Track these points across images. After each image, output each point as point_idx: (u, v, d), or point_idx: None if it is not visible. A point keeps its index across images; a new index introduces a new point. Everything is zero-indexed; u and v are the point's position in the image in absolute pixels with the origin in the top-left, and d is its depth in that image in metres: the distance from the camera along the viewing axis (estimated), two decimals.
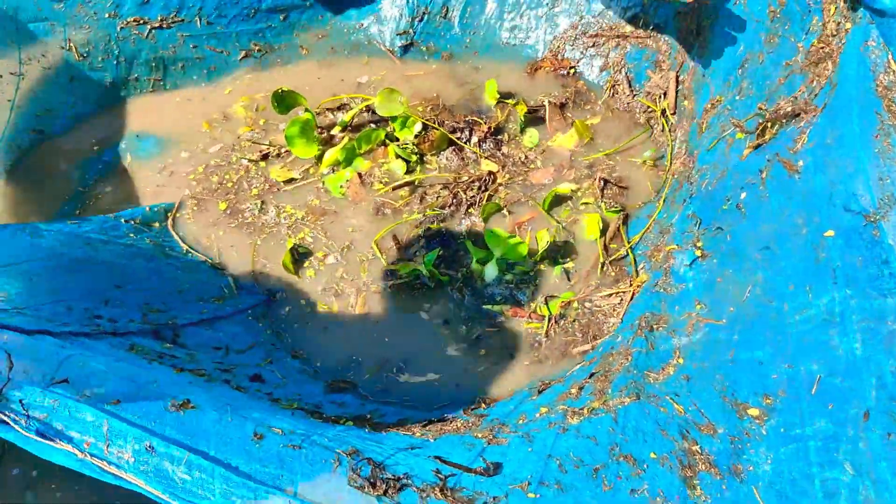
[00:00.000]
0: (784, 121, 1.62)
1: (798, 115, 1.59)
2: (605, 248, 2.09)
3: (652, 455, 1.34)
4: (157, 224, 2.20)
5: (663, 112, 2.31)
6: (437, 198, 2.22)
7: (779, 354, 1.39)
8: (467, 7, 2.53)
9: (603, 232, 2.11)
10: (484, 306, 2.02)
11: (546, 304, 1.99)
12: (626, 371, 1.59)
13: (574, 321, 1.97)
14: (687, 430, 1.39)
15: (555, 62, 2.48)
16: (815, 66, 1.60)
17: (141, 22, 2.36)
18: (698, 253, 1.72)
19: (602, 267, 2.05)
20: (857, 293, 1.30)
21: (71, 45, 2.32)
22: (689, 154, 2.08)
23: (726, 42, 1.99)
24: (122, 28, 2.35)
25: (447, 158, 2.32)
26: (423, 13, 2.50)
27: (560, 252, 2.11)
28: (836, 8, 1.54)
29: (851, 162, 1.38)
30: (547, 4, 2.50)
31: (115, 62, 2.40)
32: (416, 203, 2.22)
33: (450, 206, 2.20)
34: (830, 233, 1.38)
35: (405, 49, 2.54)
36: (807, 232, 1.44)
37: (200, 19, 2.42)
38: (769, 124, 1.66)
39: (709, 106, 1.98)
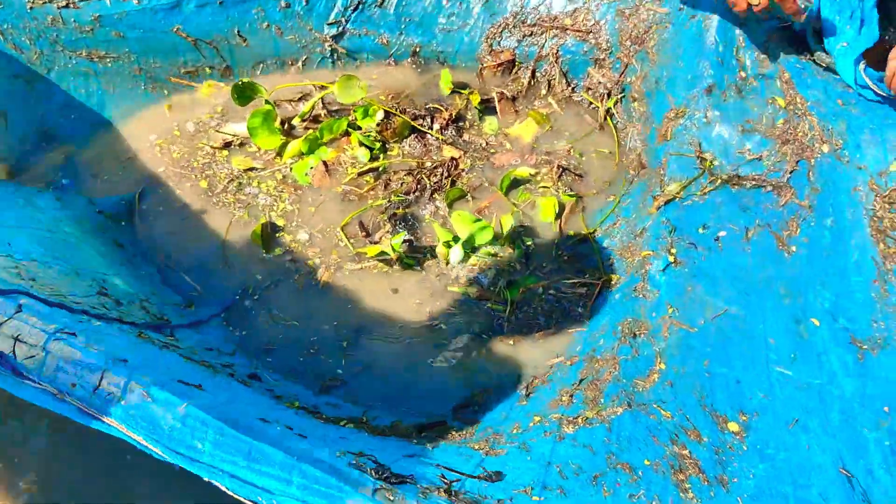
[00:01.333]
0: (743, 183, 1.76)
1: (763, 186, 1.72)
2: (561, 231, 2.15)
3: (646, 462, 1.41)
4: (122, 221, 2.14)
5: (608, 111, 2.37)
6: (402, 184, 2.22)
7: (756, 384, 1.50)
8: None
9: (558, 215, 2.17)
10: (449, 288, 2.05)
11: (507, 288, 2.03)
12: (615, 380, 1.65)
13: (536, 307, 2.01)
14: (676, 435, 1.47)
15: (497, 58, 2.48)
16: (782, 143, 1.72)
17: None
18: (671, 259, 1.81)
19: (557, 248, 2.11)
20: (835, 382, 1.43)
21: None
22: (649, 155, 2.16)
23: (680, 61, 2.08)
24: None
25: (410, 145, 2.31)
26: (359, 3, 2.44)
27: (521, 235, 2.15)
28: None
29: (847, 293, 1.51)
30: None
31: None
32: (381, 189, 2.22)
33: (414, 192, 2.21)
34: (816, 321, 1.51)
35: (337, 38, 2.48)
36: (789, 303, 1.55)
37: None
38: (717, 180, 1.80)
39: (671, 115, 2.05)
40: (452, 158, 2.29)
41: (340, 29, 2.45)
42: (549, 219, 2.15)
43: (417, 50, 2.49)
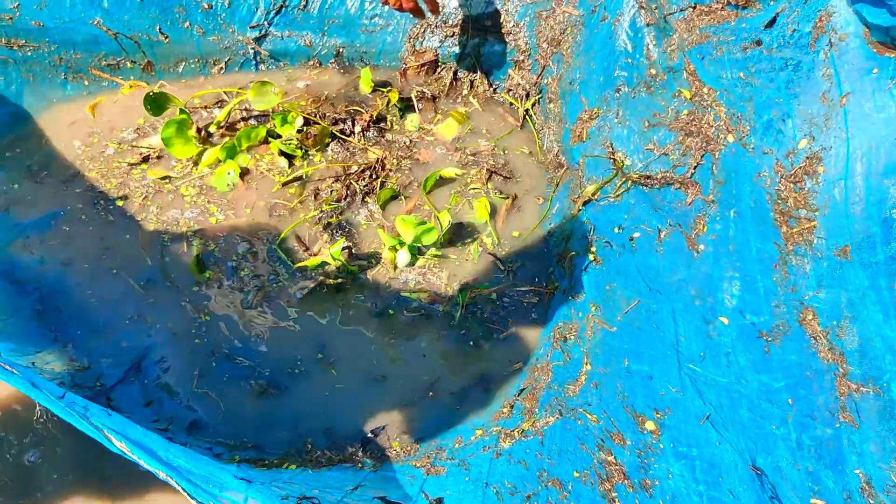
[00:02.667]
0: (653, 183, 1.79)
1: (671, 184, 1.75)
2: (497, 234, 2.17)
3: (575, 474, 1.49)
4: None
5: (527, 111, 2.41)
6: (332, 192, 2.22)
7: (667, 379, 1.57)
8: None
9: (492, 215, 2.19)
10: (402, 293, 2.06)
11: (459, 292, 2.05)
12: (548, 388, 1.72)
13: (491, 314, 2.03)
14: (602, 440, 1.54)
15: (420, 58, 2.47)
16: (686, 135, 1.74)
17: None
18: (592, 258, 1.86)
19: (503, 252, 2.14)
20: (742, 379, 1.49)
21: None
22: (566, 155, 2.20)
23: (592, 63, 2.11)
24: None
25: (333, 151, 2.31)
26: (281, 6, 2.41)
27: (462, 235, 2.17)
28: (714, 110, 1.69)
29: (749, 282, 1.56)
30: None
31: None
32: (311, 200, 2.22)
33: (345, 199, 2.22)
34: (725, 320, 1.56)
35: (260, 41, 2.45)
36: (700, 305, 1.60)
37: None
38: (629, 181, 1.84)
39: (585, 116, 2.08)
40: (378, 159, 2.30)
41: (263, 32, 2.44)
42: (484, 219, 2.18)
43: (341, 51, 2.49)
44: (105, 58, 2.37)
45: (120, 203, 2.18)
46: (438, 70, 2.47)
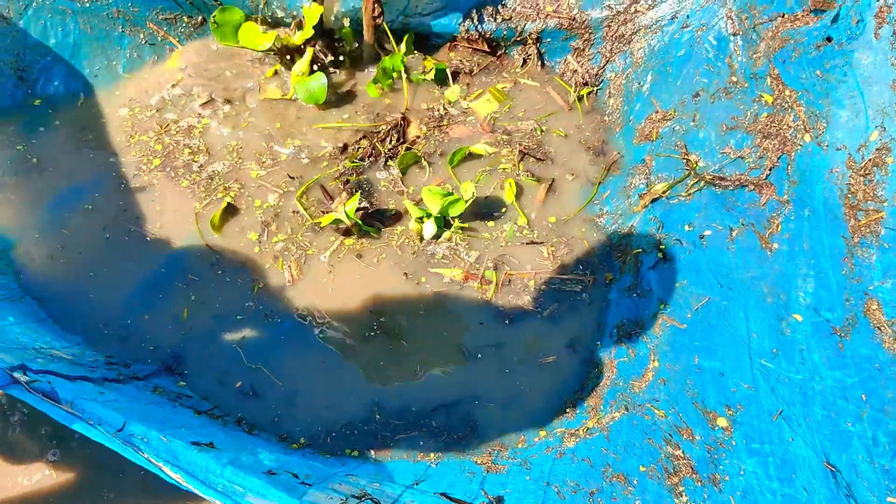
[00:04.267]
0: (726, 184, 1.76)
1: (745, 185, 1.72)
2: (524, 213, 2.12)
3: (641, 468, 1.47)
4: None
5: (580, 98, 2.36)
6: (358, 149, 2.22)
7: (739, 375, 1.54)
8: None
9: (518, 197, 2.15)
10: (432, 269, 2.03)
11: (494, 269, 2.01)
12: (613, 384, 1.70)
13: (535, 301, 1.99)
14: (670, 435, 1.52)
15: (472, 38, 2.47)
16: (764, 137, 1.71)
17: None
18: (660, 255, 1.83)
19: (520, 226, 2.10)
20: (816, 376, 1.45)
21: None
22: (624, 151, 2.18)
23: (669, 67, 2.09)
24: None
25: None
26: None
27: (492, 214, 2.14)
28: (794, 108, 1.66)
29: (822, 279, 1.53)
30: None
31: None
32: (338, 153, 2.24)
33: (369, 157, 2.22)
34: (798, 317, 1.52)
35: None
36: (772, 302, 1.57)
37: None
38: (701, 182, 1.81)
39: (657, 117, 2.06)
40: (403, 116, 2.30)
41: None
42: (511, 200, 2.13)
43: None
44: (162, 11, 2.41)
45: (157, 162, 2.22)
46: (490, 48, 2.46)
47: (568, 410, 1.74)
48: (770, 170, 1.71)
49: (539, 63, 2.44)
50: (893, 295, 1.40)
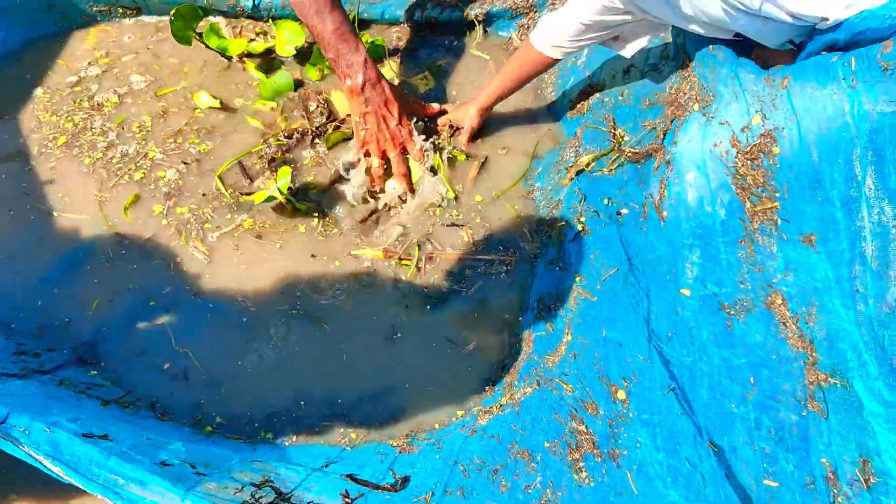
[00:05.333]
0: (639, 157, 1.78)
1: (650, 154, 1.73)
2: (452, 188, 2.14)
3: (546, 444, 1.52)
4: None
5: None
6: (285, 130, 2.22)
7: (635, 344, 1.58)
8: None
9: (448, 173, 2.16)
10: (353, 253, 2.03)
11: (418, 247, 2.04)
12: (529, 358, 1.75)
13: (446, 268, 2.02)
14: (575, 410, 1.57)
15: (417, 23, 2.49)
16: (669, 105, 1.74)
17: None
18: (580, 227, 1.86)
19: (448, 200, 2.12)
20: (704, 356, 1.49)
21: None
22: (559, 125, 2.21)
23: None
24: None
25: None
26: None
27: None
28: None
29: (713, 255, 1.55)
30: None
31: None
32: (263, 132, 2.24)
33: (295, 136, 2.22)
34: (687, 291, 1.55)
35: None
36: (670, 280, 1.59)
37: None
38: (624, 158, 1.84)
39: (589, 90, 2.10)
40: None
41: None
42: (443, 177, 2.15)
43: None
44: (96, 4, 2.41)
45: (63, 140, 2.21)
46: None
47: (487, 389, 1.80)
48: (664, 133, 1.72)
49: (483, 35, 2.47)
50: (796, 289, 1.43)
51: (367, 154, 2.09)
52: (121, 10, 2.45)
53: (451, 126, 2.21)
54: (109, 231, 2.03)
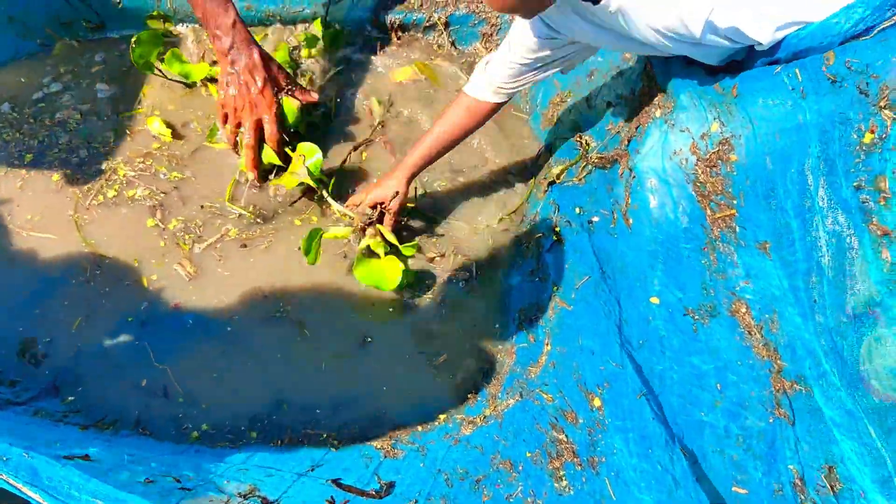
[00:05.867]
0: (605, 163, 1.82)
1: (616, 160, 1.78)
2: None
3: (528, 454, 1.56)
4: None
5: None
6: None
7: (607, 351, 1.62)
8: None
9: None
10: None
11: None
12: (511, 370, 1.79)
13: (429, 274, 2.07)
14: (556, 419, 1.60)
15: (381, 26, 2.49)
16: (634, 111, 1.74)
17: None
18: (555, 238, 1.90)
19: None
20: (675, 363, 1.52)
21: None
22: (536, 138, 2.22)
23: None
24: None
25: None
26: None
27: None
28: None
29: (676, 261, 1.58)
30: None
31: None
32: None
33: None
34: (655, 300, 1.58)
35: None
36: (638, 286, 1.64)
37: None
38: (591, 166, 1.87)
39: (557, 100, 2.09)
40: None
41: None
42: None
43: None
44: (60, 18, 2.39)
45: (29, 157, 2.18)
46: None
47: (469, 397, 1.85)
48: (629, 140, 1.74)
49: (451, 48, 2.48)
50: (757, 296, 1.46)
51: (224, 120, 2.04)
52: (85, 23, 2.44)
53: (377, 206, 2.00)
54: (86, 249, 2.01)
